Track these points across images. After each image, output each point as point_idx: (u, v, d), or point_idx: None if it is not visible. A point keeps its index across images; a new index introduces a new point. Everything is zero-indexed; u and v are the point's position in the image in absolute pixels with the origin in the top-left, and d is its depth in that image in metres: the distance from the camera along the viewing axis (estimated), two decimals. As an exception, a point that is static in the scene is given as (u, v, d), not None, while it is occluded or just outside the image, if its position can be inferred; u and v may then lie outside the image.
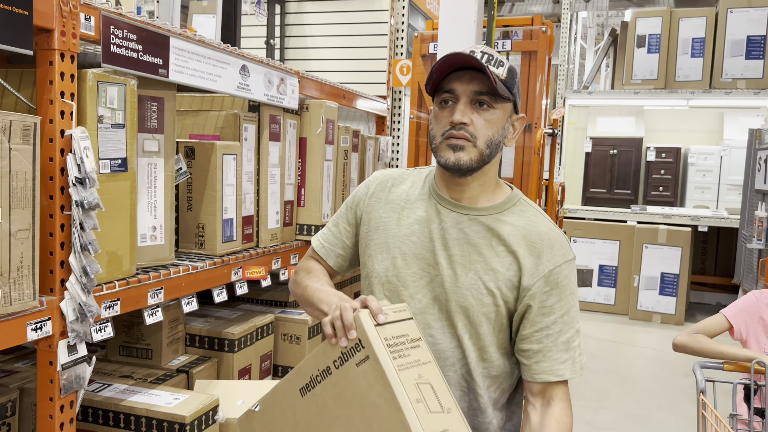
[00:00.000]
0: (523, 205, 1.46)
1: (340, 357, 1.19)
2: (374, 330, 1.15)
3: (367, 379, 1.15)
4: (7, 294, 1.39)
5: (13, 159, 1.38)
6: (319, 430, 1.25)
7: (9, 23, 1.42)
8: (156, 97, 2.01)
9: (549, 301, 1.37)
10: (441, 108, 1.37)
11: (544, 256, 1.37)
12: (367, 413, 1.15)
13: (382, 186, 1.55)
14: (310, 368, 1.26)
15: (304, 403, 1.28)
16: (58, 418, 1.65)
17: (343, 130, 3.06)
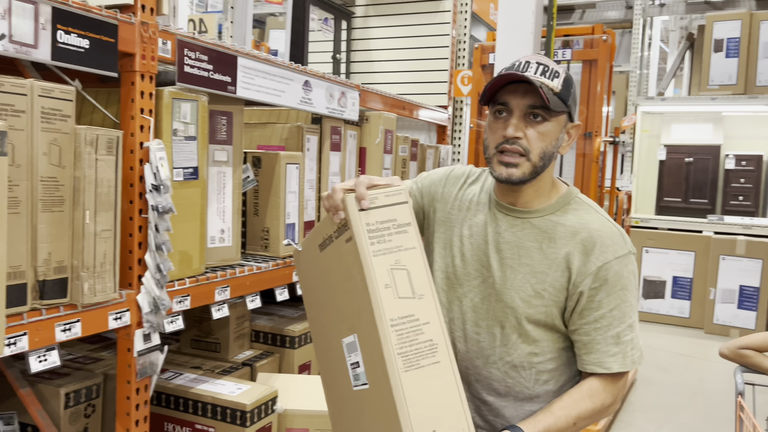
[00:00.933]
0: (578, 203, 1.47)
1: (336, 230, 1.28)
2: (357, 214, 1.21)
3: (350, 256, 1.23)
4: (92, 286, 1.59)
5: (99, 168, 1.58)
6: (328, 284, 1.37)
7: (98, 50, 1.63)
8: (225, 112, 2.20)
9: (597, 297, 1.38)
10: (495, 118, 1.41)
11: (594, 253, 1.38)
12: (349, 286, 1.24)
13: (457, 181, 1.61)
14: (325, 229, 1.35)
15: (320, 258, 1.38)
16: (134, 399, 1.85)
17: (401, 140, 3.19)
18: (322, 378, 1.52)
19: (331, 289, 1.36)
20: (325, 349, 1.45)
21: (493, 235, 1.47)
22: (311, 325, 1.55)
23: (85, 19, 1.58)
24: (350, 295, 1.25)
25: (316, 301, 1.48)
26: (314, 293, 1.48)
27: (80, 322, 1.63)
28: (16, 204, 1.43)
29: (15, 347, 1.48)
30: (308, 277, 1.51)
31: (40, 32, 1.48)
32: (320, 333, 1.48)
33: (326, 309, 1.41)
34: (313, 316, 1.52)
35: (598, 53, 3.49)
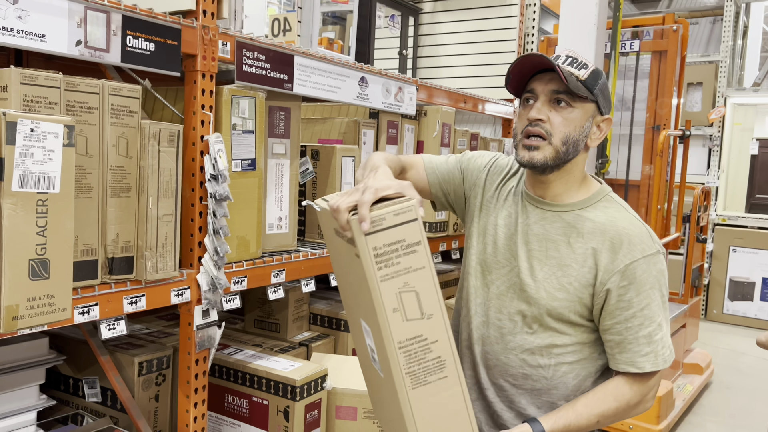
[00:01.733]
0: (608, 201, 1.49)
1: (348, 240, 1.23)
2: (363, 239, 1.16)
3: (359, 271, 1.21)
4: (154, 264, 1.78)
5: (161, 159, 1.76)
6: (343, 264, 1.35)
7: (163, 52, 1.81)
8: (284, 107, 2.36)
9: (627, 296, 1.38)
10: (524, 107, 1.45)
11: (621, 251, 1.38)
12: (360, 289, 1.25)
13: (500, 170, 1.65)
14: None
15: (335, 239, 1.35)
16: (193, 369, 2.03)
17: (460, 133, 3.24)
18: (355, 340, 1.52)
19: (347, 271, 1.36)
20: (353, 312, 1.45)
21: (523, 226, 1.51)
22: (339, 282, 1.53)
23: (151, 24, 1.77)
24: (362, 296, 1.24)
25: (338, 267, 1.48)
26: (336, 259, 1.47)
27: (145, 297, 1.83)
28: (89, 190, 1.63)
29: (88, 316, 1.69)
30: (330, 240, 1.46)
31: (111, 38, 1.67)
32: (346, 295, 1.48)
33: (346, 281, 1.41)
34: (338, 275, 1.51)
35: (668, 44, 3.40)
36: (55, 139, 1.29)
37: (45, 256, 1.30)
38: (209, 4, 1.93)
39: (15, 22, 1.47)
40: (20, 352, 2.09)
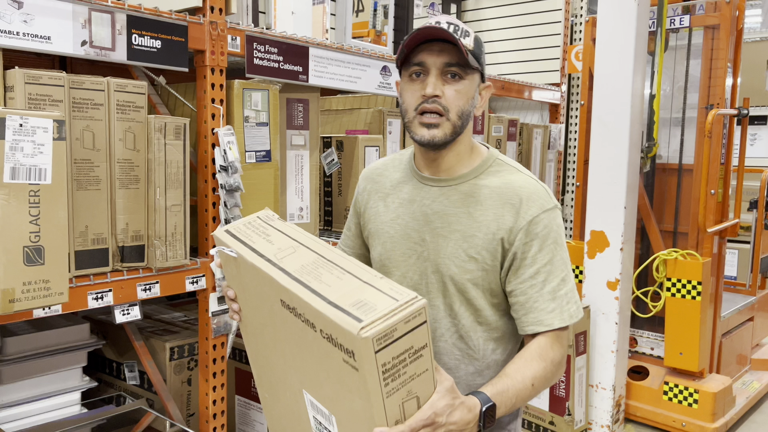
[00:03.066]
0: (500, 164, 1.45)
1: (328, 335, 1.05)
2: (373, 358, 1.00)
3: (350, 378, 1.05)
4: (164, 253, 1.86)
5: (168, 151, 1.84)
6: (282, 338, 1.20)
7: (169, 49, 1.88)
8: (302, 99, 2.40)
9: (530, 252, 1.36)
10: (411, 81, 1.35)
11: (521, 209, 1.37)
12: (340, 387, 1.09)
13: (369, 179, 1.58)
14: (297, 301, 1.09)
15: (281, 312, 1.16)
16: (211, 354, 2.11)
17: (494, 120, 3.18)
18: (259, 373, 1.39)
19: (275, 328, 1.20)
20: (263, 358, 1.33)
21: (420, 208, 1.46)
22: (249, 328, 1.36)
23: (156, 22, 1.84)
24: (337, 389, 1.10)
25: (255, 315, 1.30)
26: (254, 307, 1.28)
27: (159, 284, 1.91)
28: (97, 182, 1.72)
29: (102, 301, 1.79)
30: (244, 287, 1.29)
31: (116, 37, 1.76)
32: (258, 345, 1.33)
33: (274, 342, 1.24)
34: (253, 324, 1.32)
35: (720, 18, 3.18)
36: (44, 133, 1.37)
37: (39, 243, 1.40)
38: (216, 0, 1.99)
39: (21, 25, 1.57)
40: (63, 336, 2.24)
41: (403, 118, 1.40)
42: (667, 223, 3.60)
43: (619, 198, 3.04)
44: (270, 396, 1.38)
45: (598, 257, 3.12)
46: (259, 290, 1.21)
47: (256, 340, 1.33)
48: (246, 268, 1.21)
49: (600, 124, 3.10)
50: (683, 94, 3.49)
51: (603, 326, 3.13)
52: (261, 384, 1.41)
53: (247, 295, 1.28)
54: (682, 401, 3.23)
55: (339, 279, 1.10)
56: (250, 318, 1.31)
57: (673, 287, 3.20)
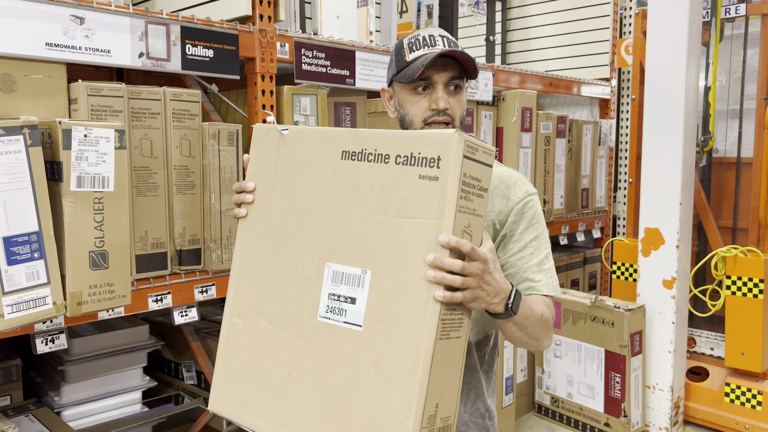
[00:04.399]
0: None
1: (406, 156, 1.12)
2: (460, 160, 1.08)
3: (421, 195, 1.10)
4: (219, 256, 1.91)
5: (222, 157, 1.89)
6: (329, 196, 1.21)
7: (221, 57, 1.94)
8: (349, 102, 2.42)
9: (518, 230, 1.45)
10: (416, 94, 1.42)
11: (510, 194, 1.46)
12: (398, 221, 1.12)
13: None
14: (369, 139, 1.17)
15: (337, 167, 1.20)
16: (265, 354, 2.16)
17: (543, 117, 3.14)
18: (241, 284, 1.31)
19: (333, 203, 1.20)
20: (264, 258, 1.28)
21: None
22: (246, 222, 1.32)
23: (209, 32, 1.90)
24: (388, 230, 1.13)
25: (273, 206, 1.28)
26: (284, 188, 1.27)
27: (215, 286, 1.97)
28: (156, 188, 1.79)
29: (161, 303, 1.85)
30: (281, 170, 1.28)
31: (171, 48, 1.82)
32: (265, 243, 1.29)
33: (303, 219, 1.24)
34: (259, 212, 1.30)
35: (779, 4, 3.07)
36: (107, 143, 1.44)
37: (103, 248, 1.46)
38: (265, 8, 2.04)
39: (83, 40, 1.65)
40: (125, 337, 2.33)
41: (406, 127, 1.45)
42: (725, 219, 3.48)
43: (674, 194, 2.96)
44: (245, 320, 1.28)
45: (652, 255, 3.05)
46: (310, 158, 1.24)
47: (265, 236, 1.29)
48: (296, 139, 1.26)
49: (652, 119, 3.02)
50: (740, 85, 3.37)
51: (659, 326, 3.06)
52: (237, 304, 1.30)
53: (279, 178, 1.28)
54: (744, 403, 3.12)
55: (402, 132, 1.18)
56: (266, 210, 1.29)
57: (733, 285, 3.10)
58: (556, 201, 3.34)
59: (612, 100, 3.93)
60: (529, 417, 3.36)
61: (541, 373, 3.30)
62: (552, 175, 3.25)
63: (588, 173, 3.68)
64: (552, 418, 3.29)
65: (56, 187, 1.43)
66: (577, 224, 3.62)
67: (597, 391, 3.08)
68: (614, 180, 4.06)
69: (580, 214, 3.66)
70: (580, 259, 3.90)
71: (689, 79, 2.91)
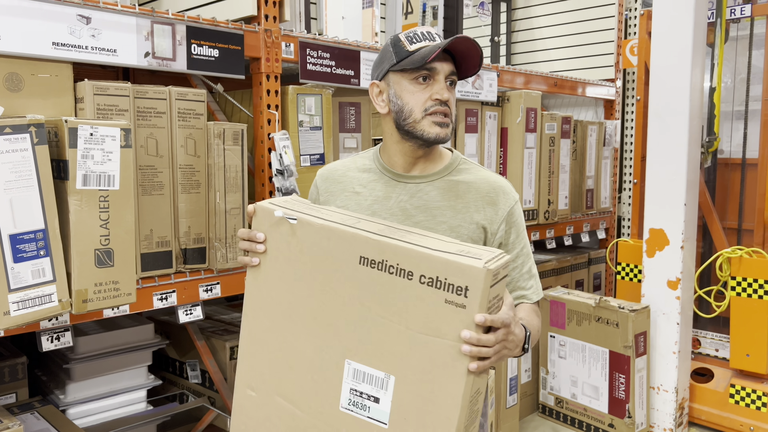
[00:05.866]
0: (466, 163, 1.55)
1: (432, 279, 1.12)
2: (488, 291, 1.10)
3: (448, 318, 1.11)
4: (224, 255, 1.92)
5: (227, 156, 1.90)
6: (350, 297, 1.19)
7: (227, 57, 1.94)
8: (354, 103, 2.43)
9: (511, 239, 1.50)
10: (417, 83, 1.41)
11: (499, 202, 1.48)
12: (423, 337, 1.13)
13: (330, 180, 1.57)
14: (390, 251, 1.15)
15: (356, 270, 1.18)
16: (269, 353, 2.16)
17: (548, 117, 3.14)
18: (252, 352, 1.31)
19: (351, 302, 1.20)
20: (277, 339, 1.28)
21: (398, 204, 1.49)
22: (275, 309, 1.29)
23: (214, 32, 1.91)
24: (412, 343, 1.15)
25: (286, 290, 1.27)
26: (299, 268, 1.25)
27: (219, 285, 1.98)
28: (161, 187, 1.80)
29: (166, 302, 1.86)
30: (297, 262, 1.25)
31: (177, 47, 1.83)
32: (277, 324, 1.28)
33: (320, 308, 1.24)
34: (272, 291, 1.29)
35: (784, 5, 3.06)
36: (112, 142, 1.44)
37: (109, 246, 1.47)
38: (270, 8, 2.04)
39: (89, 40, 1.66)
40: (129, 336, 2.34)
41: (404, 119, 1.44)
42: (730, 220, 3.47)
43: (679, 195, 2.95)
44: (260, 393, 1.30)
45: (657, 256, 3.04)
46: (324, 254, 1.22)
47: (278, 305, 1.28)
48: (309, 232, 1.23)
49: (657, 120, 3.02)
50: (746, 86, 3.36)
51: (664, 327, 3.05)
52: (251, 377, 1.31)
53: (291, 265, 1.25)
54: (749, 404, 3.11)
55: (424, 237, 1.19)
56: (278, 291, 1.28)
57: (738, 286, 3.09)
58: (561, 201, 3.34)
59: (617, 101, 3.92)
60: (534, 417, 3.36)
61: (546, 373, 3.30)
62: (557, 175, 3.25)
63: (593, 174, 3.68)
64: (556, 419, 3.29)
65: (62, 185, 1.44)
66: (581, 225, 3.61)
67: (601, 391, 3.07)
68: (619, 181, 4.06)
69: (584, 215, 3.66)
70: (585, 259, 3.90)
71: (694, 80, 2.90)
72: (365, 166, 1.56)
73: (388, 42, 1.46)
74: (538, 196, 3.13)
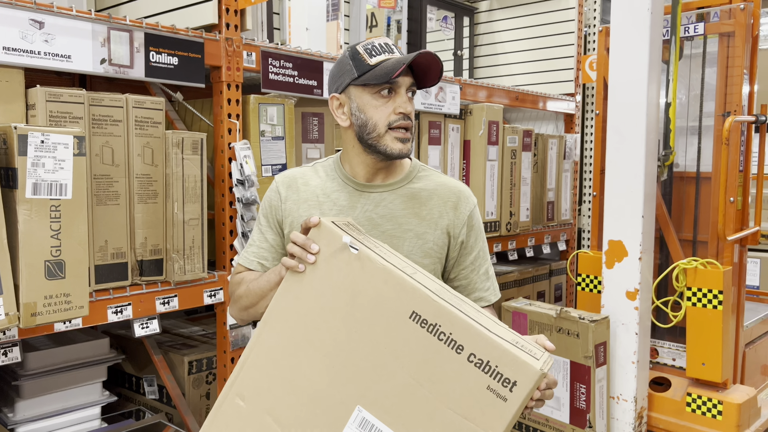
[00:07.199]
0: (425, 170, 1.58)
1: (481, 360, 1.11)
2: (533, 391, 1.11)
3: (483, 404, 1.10)
4: (182, 266, 1.88)
5: (186, 166, 1.86)
6: (382, 348, 1.16)
7: (186, 65, 1.91)
8: (317, 113, 2.42)
9: (470, 241, 1.54)
10: (380, 97, 1.41)
11: (460, 206, 1.52)
12: (450, 414, 1.11)
13: (290, 187, 1.53)
14: (447, 318, 1.13)
15: (402, 324, 1.15)
16: (229, 367, 2.12)
17: (509, 130, 3.18)
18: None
19: (383, 352, 1.16)
20: (288, 358, 1.23)
21: (364, 213, 1.49)
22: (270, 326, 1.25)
23: (173, 40, 1.87)
24: (435, 415, 1.12)
25: (319, 310, 1.22)
26: (341, 308, 1.21)
27: (177, 297, 1.93)
28: (116, 197, 1.75)
29: (121, 315, 1.81)
30: (342, 291, 1.21)
31: (134, 55, 1.79)
32: (292, 342, 1.23)
33: (345, 344, 1.19)
34: (305, 304, 1.24)
35: (735, 24, 3.17)
36: (65, 149, 1.40)
37: (60, 258, 1.42)
38: (232, 17, 2.02)
39: (42, 45, 1.61)
40: (83, 351, 2.26)
41: (367, 133, 1.43)
42: (686, 232, 3.56)
43: (637, 207, 3.01)
44: (250, 406, 1.24)
45: (616, 267, 3.09)
46: (375, 295, 1.18)
47: (297, 336, 1.22)
48: (368, 268, 1.19)
49: (615, 134, 3.08)
50: (699, 102, 3.46)
51: (623, 337, 3.09)
52: (246, 386, 1.25)
53: (335, 292, 1.21)
54: (705, 413, 3.18)
55: (478, 313, 1.18)
56: (309, 311, 1.22)
57: (693, 296, 3.16)
58: (522, 213, 3.38)
59: (577, 115, 4.00)
60: (496, 429, 3.36)
61: (508, 385, 3.31)
62: (518, 187, 3.28)
63: (553, 186, 3.73)
64: (518, 430, 3.30)
65: (11, 194, 1.38)
66: (543, 237, 3.66)
67: (563, 402, 3.10)
68: (579, 193, 4.12)
69: (545, 227, 3.70)
70: (546, 271, 3.94)
71: (650, 96, 2.98)
72: (327, 176, 1.54)
73: (345, 54, 1.44)
74: (500, 208, 3.16)
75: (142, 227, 1.81)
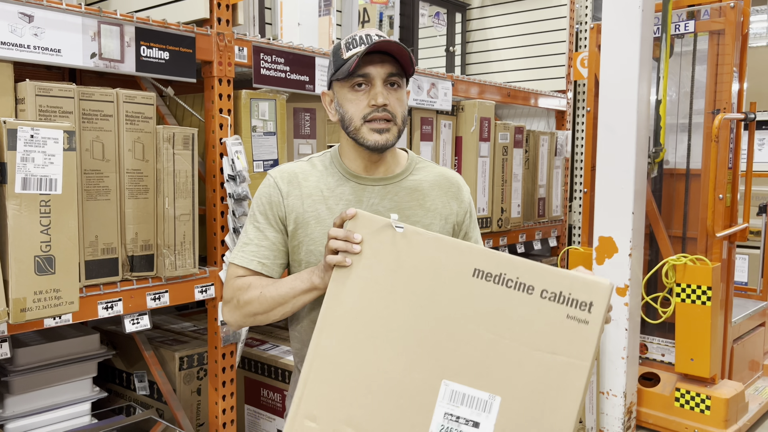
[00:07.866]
0: (422, 161, 1.59)
1: (554, 294, 1.12)
2: (607, 307, 1.12)
3: (567, 334, 1.11)
4: (173, 262, 1.87)
5: (177, 161, 1.85)
6: (454, 314, 1.15)
7: (177, 60, 1.90)
8: (309, 109, 2.41)
9: (471, 227, 1.60)
10: (354, 91, 1.40)
11: (461, 194, 1.57)
12: (538, 354, 1.11)
13: (291, 183, 1.49)
14: (509, 264, 1.15)
15: (467, 284, 1.15)
16: (220, 363, 2.12)
17: (501, 127, 3.19)
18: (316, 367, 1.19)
19: (455, 318, 1.15)
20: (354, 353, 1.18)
21: (370, 207, 1.49)
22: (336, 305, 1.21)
23: (164, 34, 1.86)
24: (523, 360, 1.12)
25: (380, 300, 1.19)
26: (396, 279, 1.19)
27: (168, 293, 1.92)
28: (107, 192, 1.74)
29: (112, 311, 1.80)
30: (395, 272, 1.19)
31: (125, 49, 1.78)
32: (360, 337, 1.18)
33: (414, 324, 1.16)
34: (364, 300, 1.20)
35: (725, 22, 3.18)
36: (55, 144, 1.39)
37: (50, 253, 1.41)
38: (223, 11, 2.01)
39: (31, 39, 1.60)
40: (73, 347, 2.25)
41: (346, 128, 1.44)
42: (675, 229, 3.58)
43: (627, 203, 3.03)
44: (323, 424, 1.17)
45: (606, 263, 3.11)
46: (431, 265, 1.17)
47: (358, 333, 1.18)
48: (418, 242, 1.19)
49: (606, 130, 3.09)
50: (689, 99, 3.48)
51: (613, 332, 3.12)
52: (314, 405, 1.18)
53: (388, 274, 1.19)
54: (694, 408, 3.21)
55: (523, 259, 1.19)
56: (365, 302, 1.19)
57: (682, 293, 3.19)
58: (514, 210, 3.39)
59: (568, 112, 4.01)
60: (487, 424, 3.37)
61: (499, 380, 3.32)
62: (510, 184, 3.29)
63: (544, 183, 3.75)
64: (509, 425, 3.32)
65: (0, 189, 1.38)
66: (533, 233, 3.67)
67: (553, 397, 3.12)
68: (570, 190, 4.14)
69: (536, 223, 3.72)
70: (537, 267, 3.95)
71: (641, 93, 2.99)
72: (325, 170, 1.52)
73: (332, 48, 1.45)
74: (491, 205, 3.17)
75: (132, 222, 1.80)
